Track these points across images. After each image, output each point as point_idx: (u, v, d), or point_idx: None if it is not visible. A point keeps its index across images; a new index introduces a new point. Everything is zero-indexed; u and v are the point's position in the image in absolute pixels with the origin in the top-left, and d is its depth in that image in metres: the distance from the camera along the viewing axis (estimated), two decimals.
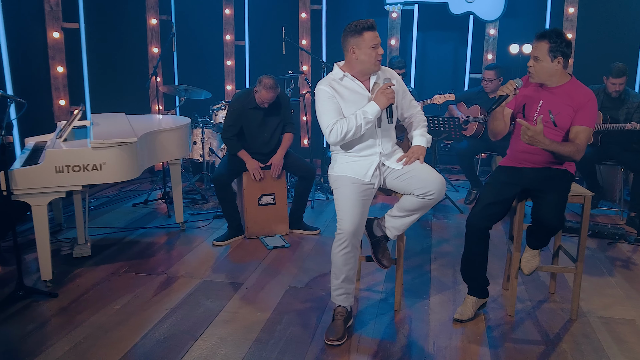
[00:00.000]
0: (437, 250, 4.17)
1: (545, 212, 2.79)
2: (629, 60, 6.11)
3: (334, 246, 2.85)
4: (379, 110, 2.84)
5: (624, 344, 2.84)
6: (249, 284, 3.51)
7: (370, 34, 2.81)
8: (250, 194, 4.28)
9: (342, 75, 2.91)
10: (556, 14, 6.25)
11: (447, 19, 6.38)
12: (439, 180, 2.84)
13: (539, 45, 2.86)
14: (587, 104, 2.87)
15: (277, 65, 6.21)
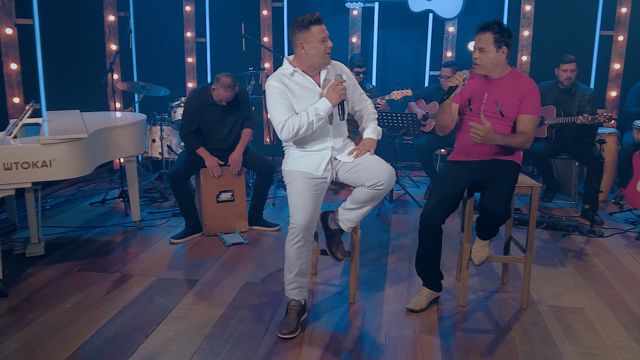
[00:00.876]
0: (394, 244, 4.21)
1: (491, 202, 2.84)
2: (584, 57, 6.26)
3: (287, 240, 2.85)
4: (331, 107, 2.83)
5: (572, 331, 2.91)
6: (204, 280, 3.48)
7: (317, 27, 2.79)
8: (208, 190, 4.25)
9: (293, 70, 2.90)
10: (513, 11, 6.38)
11: (407, 16, 6.44)
12: (389, 170, 2.87)
13: (483, 36, 2.92)
14: (530, 92, 2.96)
15: (238, 62, 6.18)
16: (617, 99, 6.20)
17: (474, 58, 2.98)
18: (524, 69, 6.35)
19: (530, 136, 2.95)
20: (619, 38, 6.15)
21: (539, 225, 4.55)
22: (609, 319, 3.04)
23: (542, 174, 5.11)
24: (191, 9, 6.70)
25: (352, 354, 2.66)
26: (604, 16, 6.24)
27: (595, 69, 6.35)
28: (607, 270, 3.74)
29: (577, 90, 4.94)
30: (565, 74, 4.89)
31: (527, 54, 6.32)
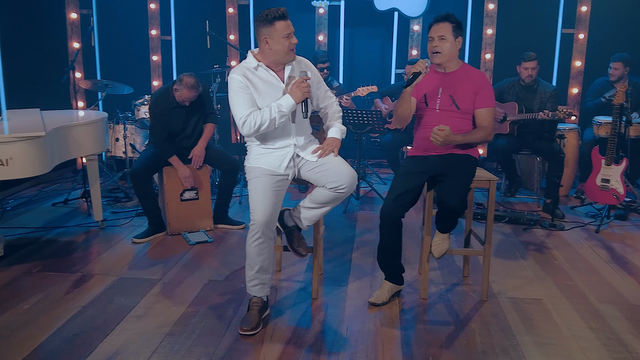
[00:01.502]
0: (360, 239, 4.23)
1: (447, 195, 2.88)
2: (546, 54, 6.39)
3: (247, 237, 2.84)
4: (294, 104, 2.82)
5: (530, 322, 2.96)
6: (166, 279, 3.45)
7: (282, 23, 2.77)
8: (171, 189, 4.21)
9: (257, 64, 2.87)
10: (477, 10, 6.46)
11: (373, 15, 6.47)
12: (351, 174, 2.87)
13: (442, 26, 3.00)
14: (484, 84, 3.04)
15: (204, 60, 6.14)
16: (579, 96, 6.34)
17: (434, 47, 3.02)
18: (487, 67, 6.44)
19: (490, 129, 3.02)
20: (579, 36, 6.28)
21: (501, 220, 4.63)
22: (566, 309, 3.11)
23: (505, 169, 5.19)
24: (156, 7, 6.62)
25: (313, 348, 2.67)
26: (565, 14, 6.37)
27: (557, 66, 6.48)
28: (566, 262, 3.83)
29: (538, 87, 5.04)
30: (527, 72, 4.99)
31: (490, 52, 6.41)
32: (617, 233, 4.47)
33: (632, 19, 6.24)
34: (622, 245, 4.18)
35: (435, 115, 3.05)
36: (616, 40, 6.14)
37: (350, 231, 4.43)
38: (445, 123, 2.95)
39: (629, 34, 6.23)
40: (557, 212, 4.70)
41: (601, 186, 4.57)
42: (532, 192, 5.47)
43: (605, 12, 6.21)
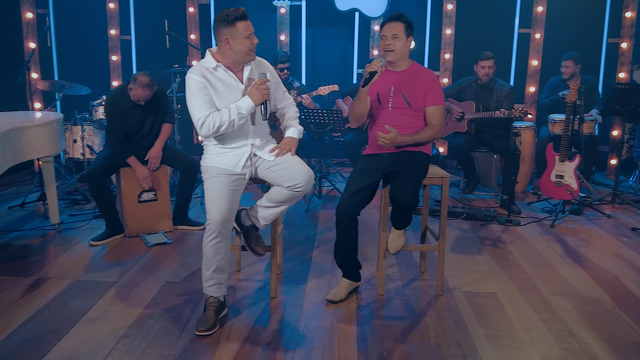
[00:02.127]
0: (320, 238, 4.25)
1: (399, 191, 2.93)
2: (504, 53, 6.53)
3: (204, 237, 2.83)
4: (253, 106, 2.82)
5: (483, 315, 3.03)
6: (123, 281, 3.41)
7: (243, 23, 2.76)
8: (129, 190, 4.16)
9: (215, 65, 2.85)
10: (436, 10, 6.57)
11: (334, 15, 6.51)
12: (308, 173, 2.89)
13: (394, 25, 3.06)
14: (433, 82, 3.11)
15: (165, 60, 6.08)
16: (536, 94, 6.49)
17: (387, 45, 3.07)
18: (447, 67, 6.55)
19: (439, 127, 3.09)
20: (536, 36, 6.43)
21: (459, 216, 4.72)
22: (519, 302, 3.19)
23: (464, 167, 5.29)
24: (115, 6, 6.53)
25: (270, 346, 2.68)
26: (521, 15, 6.52)
27: (514, 65, 6.63)
28: (521, 256, 3.92)
29: (495, 86, 5.14)
30: (484, 71, 5.09)
31: (449, 52, 6.51)
32: (572, 227, 4.60)
33: (586, 18, 6.43)
34: (575, 240, 4.30)
35: (389, 114, 3.10)
36: (571, 39, 6.32)
37: (311, 230, 4.45)
38: (398, 121, 3.00)
39: (583, 33, 6.42)
40: (513, 207, 4.81)
41: (555, 182, 4.70)
42: (490, 189, 5.58)
43: (560, 12, 6.39)
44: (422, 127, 3.13)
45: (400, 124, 3.07)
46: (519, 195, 5.53)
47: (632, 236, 4.38)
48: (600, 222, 4.75)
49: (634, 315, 3.04)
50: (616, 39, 6.34)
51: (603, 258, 3.90)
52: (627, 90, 5.10)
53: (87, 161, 5.31)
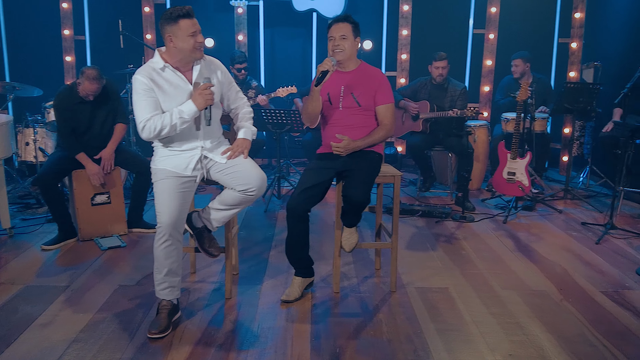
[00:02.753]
0: (278, 238, 4.26)
1: (351, 189, 2.97)
2: (459, 54, 6.66)
3: (154, 240, 2.81)
4: (196, 111, 2.79)
5: (435, 310, 3.09)
6: (75, 286, 3.35)
7: (186, 21, 2.73)
8: (81, 193, 4.09)
9: (163, 65, 2.81)
10: (392, 11, 6.64)
11: (292, 15, 6.52)
12: (260, 177, 2.89)
13: (342, 26, 3.09)
14: (382, 82, 3.17)
15: (120, 60, 5.99)
16: (490, 94, 6.63)
17: (336, 45, 3.10)
18: (403, 67, 6.63)
19: (390, 126, 3.16)
20: (490, 36, 6.58)
21: (415, 214, 4.80)
22: (470, 297, 3.26)
23: (420, 165, 5.37)
24: (68, 6, 6.41)
25: (223, 347, 2.68)
26: (476, 15, 6.66)
27: (469, 65, 6.77)
28: (473, 252, 4.01)
29: (449, 86, 5.25)
30: (437, 71, 5.18)
31: (406, 53, 6.60)
32: (524, 223, 4.72)
33: (538, 19, 6.61)
34: (527, 235, 4.42)
35: (339, 114, 3.14)
36: (523, 39, 6.49)
37: (269, 230, 4.46)
38: (349, 120, 3.05)
39: (535, 34, 6.60)
40: (467, 204, 4.91)
41: (507, 179, 4.82)
42: (446, 187, 5.69)
43: (513, 13, 6.54)
44: (373, 125, 3.18)
45: (352, 123, 3.11)
46: (474, 192, 5.65)
47: (581, 230, 4.52)
48: (552, 217, 4.89)
49: (580, 307, 3.14)
50: (566, 39, 6.53)
51: (553, 252, 4.02)
52: (577, 89, 5.26)
53: (40, 164, 5.19)
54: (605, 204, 5.21)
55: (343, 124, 3.15)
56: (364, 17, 6.64)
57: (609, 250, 4.04)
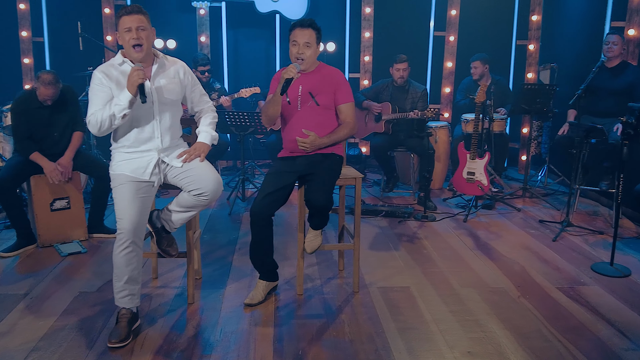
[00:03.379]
0: (242, 241, 4.26)
1: (313, 193, 2.99)
2: (421, 56, 6.77)
3: (114, 247, 2.78)
4: (129, 95, 2.71)
5: (396, 309, 3.15)
6: (34, 294, 3.29)
7: (125, 18, 2.75)
8: (40, 199, 4.01)
9: (122, 61, 2.85)
10: (355, 13, 6.71)
11: (255, 16, 6.53)
12: (216, 181, 2.89)
13: (307, 32, 3.10)
14: (341, 81, 3.23)
15: (80, 62, 5.90)
16: (451, 95, 6.76)
17: (299, 53, 3.11)
18: (366, 69, 6.70)
19: (353, 123, 3.21)
20: (450, 38, 6.70)
21: (378, 214, 4.86)
22: (430, 295, 3.33)
23: (383, 166, 5.45)
24: (26, 7, 6.27)
25: (185, 353, 2.67)
26: (436, 18, 6.77)
27: (430, 67, 6.88)
28: (434, 251, 4.09)
29: (410, 88, 5.33)
30: (398, 73, 5.27)
31: (369, 55, 6.67)
32: (483, 222, 4.83)
33: (496, 21, 6.76)
34: (486, 233, 4.52)
35: (299, 114, 3.17)
36: (483, 41, 6.63)
37: (233, 233, 4.45)
38: (308, 120, 3.08)
39: (493, 36, 6.75)
40: (429, 204, 5.00)
41: (467, 179, 4.92)
42: (409, 187, 5.77)
43: (472, 15, 6.68)
44: (332, 124, 3.22)
45: (311, 122, 3.14)
46: (436, 192, 5.76)
47: (539, 228, 4.65)
48: (511, 215, 5.02)
49: (537, 303, 3.24)
50: (524, 41, 6.70)
51: (511, 250, 4.13)
52: (534, 90, 5.41)
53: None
54: (563, 202, 5.37)
55: (303, 125, 3.16)
56: (327, 19, 6.70)
57: (565, 247, 4.17)
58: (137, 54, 2.78)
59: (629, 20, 5.01)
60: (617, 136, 4.52)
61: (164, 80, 2.90)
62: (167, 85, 2.91)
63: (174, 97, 2.94)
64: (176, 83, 2.94)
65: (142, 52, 2.79)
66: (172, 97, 2.92)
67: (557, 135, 5.17)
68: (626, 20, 5.04)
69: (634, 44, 4.97)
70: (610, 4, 5.35)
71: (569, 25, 6.18)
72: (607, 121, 4.86)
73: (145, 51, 2.80)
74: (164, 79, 2.90)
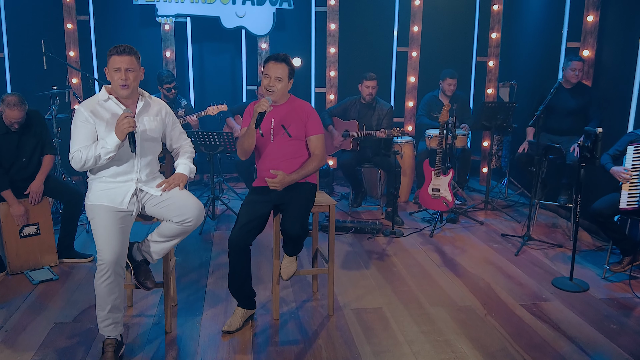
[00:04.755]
0: (215, 262, 4.30)
1: (289, 223, 3.08)
2: (384, 71, 6.93)
3: (96, 277, 2.80)
4: (118, 141, 2.81)
5: (371, 331, 3.25)
6: (9, 326, 3.26)
7: (115, 57, 2.84)
8: (9, 225, 3.96)
9: (107, 97, 2.92)
10: (320, 29, 6.80)
11: (221, 31, 6.55)
12: (197, 207, 2.97)
13: (280, 67, 3.17)
14: (311, 114, 3.33)
15: (43, 79, 5.80)
16: (414, 109, 6.93)
17: (270, 86, 3.19)
18: (332, 84, 6.81)
19: (322, 156, 3.31)
20: (412, 54, 6.87)
21: (348, 231, 4.98)
22: (402, 316, 3.45)
23: (351, 182, 5.56)
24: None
25: None
26: (399, 34, 6.94)
27: (394, 81, 7.04)
28: (404, 268, 4.22)
29: (377, 105, 5.47)
30: (368, 90, 5.40)
31: (334, 70, 6.78)
32: (448, 236, 5.01)
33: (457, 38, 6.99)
34: (452, 248, 4.69)
35: (272, 146, 3.25)
36: (444, 57, 6.84)
37: (205, 254, 4.48)
38: (281, 151, 3.17)
39: (454, 52, 6.97)
40: (396, 219, 5.15)
41: (432, 195, 5.08)
42: (376, 201, 5.91)
43: (434, 32, 6.88)
44: (304, 154, 3.31)
45: (284, 154, 3.22)
46: (402, 205, 5.91)
47: (501, 242, 4.85)
48: (474, 229, 5.21)
49: (502, 321, 3.40)
50: (484, 58, 6.94)
51: (476, 265, 4.30)
52: (494, 108, 5.63)
53: None
54: (523, 214, 5.61)
55: (276, 156, 3.25)
56: (293, 35, 6.78)
57: (527, 262, 4.37)
58: (124, 91, 2.87)
59: (583, 42, 5.27)
60: (573, 157, 4.76)
61: (147, 118, 2.98)
62: (150, 123, 3.00)
63: (155, 134, 3.01)
64: (158, 122, 3.03)
65: (129, 91, 2.88)
66: (153, 135, 3.00)
67: (517, 153, 5.39)
68: (581, 41, 5.30)
69: (588, 64, 5.23)
70: (566, 25, 5.61)
71: (527, 43, 6.44)
72: (564, 139, 5.11)
73: (131, 91, 2.89)
74: (146, 117, 2.98)
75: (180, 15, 6.39)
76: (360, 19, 6.84)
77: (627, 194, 3.87)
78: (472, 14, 7.01)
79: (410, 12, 6.78)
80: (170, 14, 6.30)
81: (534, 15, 6.26)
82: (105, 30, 6.46)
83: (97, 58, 6.51)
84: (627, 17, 4.84)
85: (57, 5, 6.26)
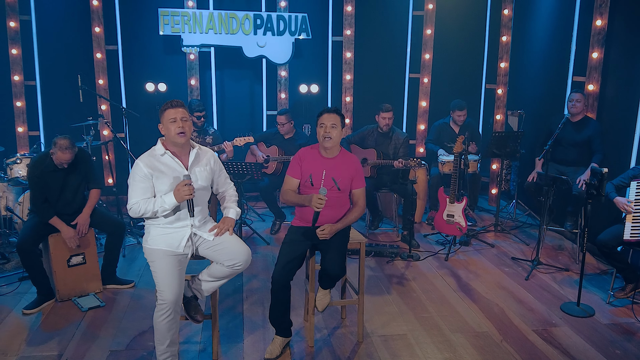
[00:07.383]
0: (248, 288, 4.61)
1: (330, 264, 3.41)
2: (397, 96, 7.25)
3: (156, 315, 3.10)
4: (175, 203, 3.13)
5: (398, 358, 3.56)
6: (68, 354, 3.55)
7: (170, 110, 3.15)
8: (58, 256, 4.27)
9: (164, 152, 3.21)
10: (336, 57, 7.13)
11: (243, 60, 6.86)
12: (246, 252, 3.29)
13: (333, 116, 3.54)
14: (357, 169, 3.65)
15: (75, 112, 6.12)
16: (425, 132, 7.26)
17: (327, 132, 3.51)
18: (347, 108, 7.13)
19: (363, 206, 3.66)
20: (424, 80, 7.19)
21: (368, 254, 5.29)
22: (425, 343, 3.76)
23: (369, 207, 5.88)
24: (18, 52, 6.45)
25: None
26: (411, 61, 7.27)
27: (406, 106, 7.37)
28: (423, 293, 4.53)
29: (393, 135, 5.79)
30: (384, 121, 5.72)
31: (350, 95, 7.11)
32: (462, 259, 5.32)
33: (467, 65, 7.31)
34: (466, 272, 5.00)
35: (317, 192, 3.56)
36: (454, 83, 7.17)
37: (238, 279, 4.78)
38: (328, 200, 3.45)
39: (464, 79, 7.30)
40: (413, 242, 5.47)
41: (447, 220, 5.40)
42: (392, 223, 6.23)
43: (445, 59, 7.21)
44: (345, 203, 3.64)
45: (329, 203, 3.49)
46: (416, 226, 6.23)
47: (512, 265, 5.17)
48: (485, 251, 5.53)
49: (517, 347, 3.71)
50: (493, 85, 7.27)
51: (489, 290, 4.61)
52: (504, 137, 5.96)
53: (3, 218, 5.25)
54: (530, 235, 5.93)
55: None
56: (311, 63, 7.11)
57: (536, 286, 4.68)
58: (181, 139, 3.16)
59: (588, 76, 5.58)
60: (579, 189, 5.10)
61: (199, 169, 3.27)
62: (201, 173, 3.29)
63: (206, 183, 3.31)
64: (208, 171, 3.32)
65: (186, 138, 3.18)
66: (204, 184, 3.30)
67: (527, 182, 5.72)
68: (586, 76, 5.61)
69: (593, 97, 5.55)
70: (572, 60, 5.93)
71: (535, 74, 6.74)
72: (570, 169, 5.46)
73: (187, 139, 3.20)
74: (198, 168, 3.27)
75: (204, 46, 6.71)
76: (374, 47, 7.17)
77: (631, 226, 4.19)
78: (482, 44, 7.34)
79: (422, 40, 7.12)
80: (195, 44, 6.63)
81: (541, 48, 6.57)
82: (132, 59, 6.78)
83: (125, 85, 6.83)
84: (630, 54, 5.15)
85: (86, 35, 6.58)
